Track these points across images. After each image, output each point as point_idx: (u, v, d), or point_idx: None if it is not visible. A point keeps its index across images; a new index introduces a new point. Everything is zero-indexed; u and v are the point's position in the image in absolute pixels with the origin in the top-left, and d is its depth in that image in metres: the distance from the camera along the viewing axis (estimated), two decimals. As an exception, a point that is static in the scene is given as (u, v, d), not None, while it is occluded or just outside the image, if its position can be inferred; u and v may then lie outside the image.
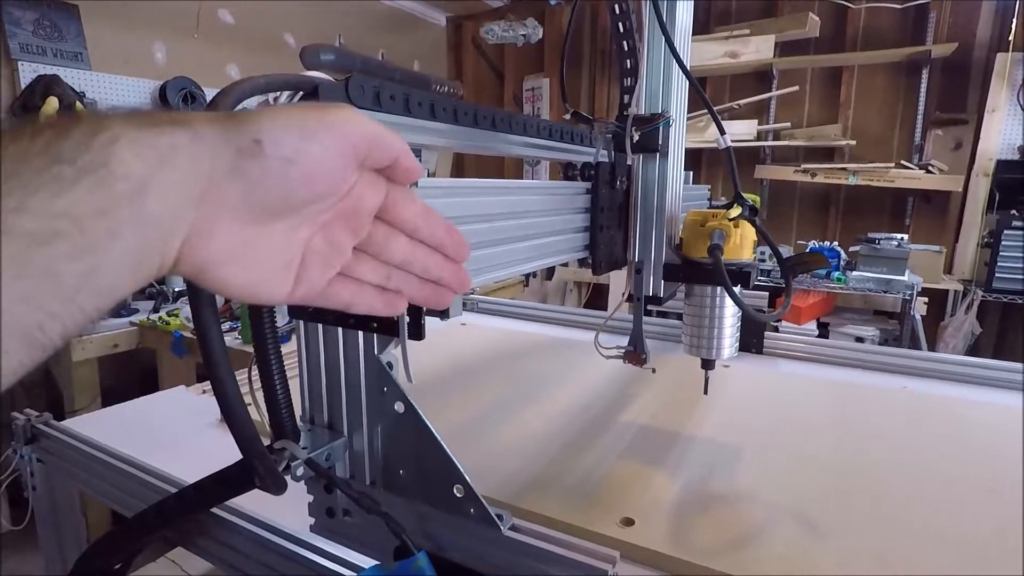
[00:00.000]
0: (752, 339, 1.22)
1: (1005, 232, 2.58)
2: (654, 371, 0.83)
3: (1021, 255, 2.57)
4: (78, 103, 2.29)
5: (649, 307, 0.77)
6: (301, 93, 0.43)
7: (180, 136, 0.23)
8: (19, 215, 0.19)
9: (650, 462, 0.72)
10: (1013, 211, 2.69)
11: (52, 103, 2.20)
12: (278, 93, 0.44)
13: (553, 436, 0.79)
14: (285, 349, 0.44)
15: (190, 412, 0.89)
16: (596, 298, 3.71)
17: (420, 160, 0.38)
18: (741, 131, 3.28)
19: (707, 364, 0.75)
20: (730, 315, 0.72)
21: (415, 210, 0.33)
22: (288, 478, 0.42)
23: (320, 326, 0.47)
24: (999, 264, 2.61)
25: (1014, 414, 0.88)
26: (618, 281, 0.79)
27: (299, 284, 0.29)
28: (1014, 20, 2.80)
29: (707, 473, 0.70)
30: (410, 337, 0.40)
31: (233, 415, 0.35)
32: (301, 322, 0.47)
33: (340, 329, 0.46)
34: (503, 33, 3.49)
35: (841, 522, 0.60)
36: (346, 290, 0.32)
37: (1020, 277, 2.58)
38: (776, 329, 2.75)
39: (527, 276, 3.24)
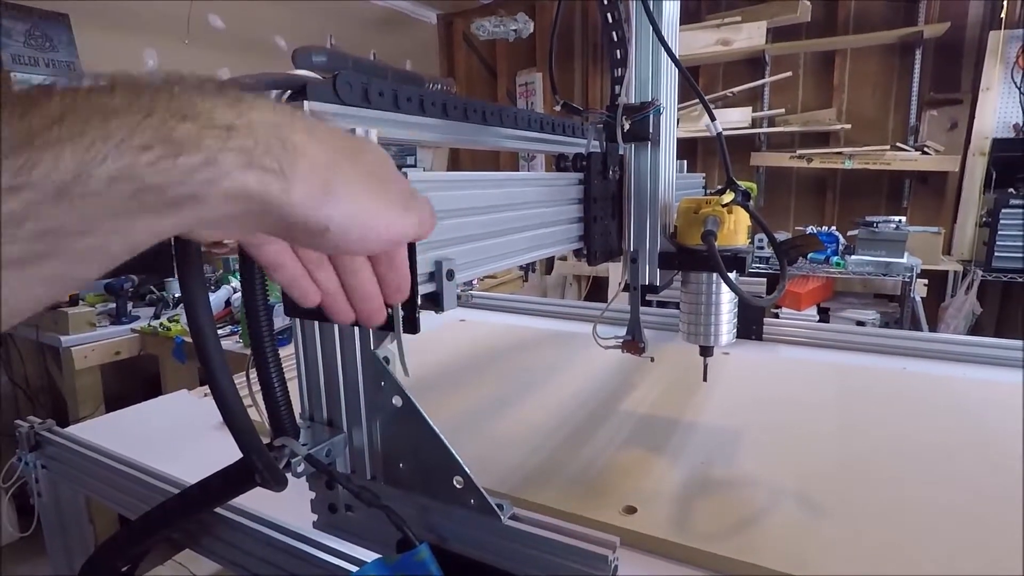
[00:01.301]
0: (752, 326, 1.22)
1: (1003, 211, 2.57)
2: (652, 360, 0.83)
3: (1020, 233, 2.56)
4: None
5: (648, 297, 0.77)
6: (289, 92, 0.43)
7: (274, 186, 0.23)
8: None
9: (651, 450, 0.73)
10: (1011, 189, 2.68)
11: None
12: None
13: (554, 427, 0.79)
14: (284, 352, 0.44)
15: (192, 415, 0.89)
16: (596, 291, 3.71)
17: (415, 157, 0.38)
18: (735, 119, 3.27)
19: (705, 351, 0.75)
20: (727, 301, 0.72)
21: (396, 263, 0.33)
22: (289, 475, 0.42)
23: (316, 323, 0.47)
24: (998, 243, 2.60)
25: (1015, 391, 0.88)
26: (618, 274, 0.79)
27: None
28: (1006, -2, 2.79)
29: (709, 459, 0.70)
30: (405, 331, 0.40)
31: (231, 414, 0.36)
32: (298, 320, 0.48)
33: (336, 326, 0.46)
34: (494, 29, 3.47)
35: (844, 504, 0.60)
36: (272, 250, 0.31)
37: (1020, 256, 2.57)
38: (776, 315, 2.76)
39: (526, 271, 3.24)
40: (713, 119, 0.67)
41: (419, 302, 0.39)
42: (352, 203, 0.26)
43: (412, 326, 0.39)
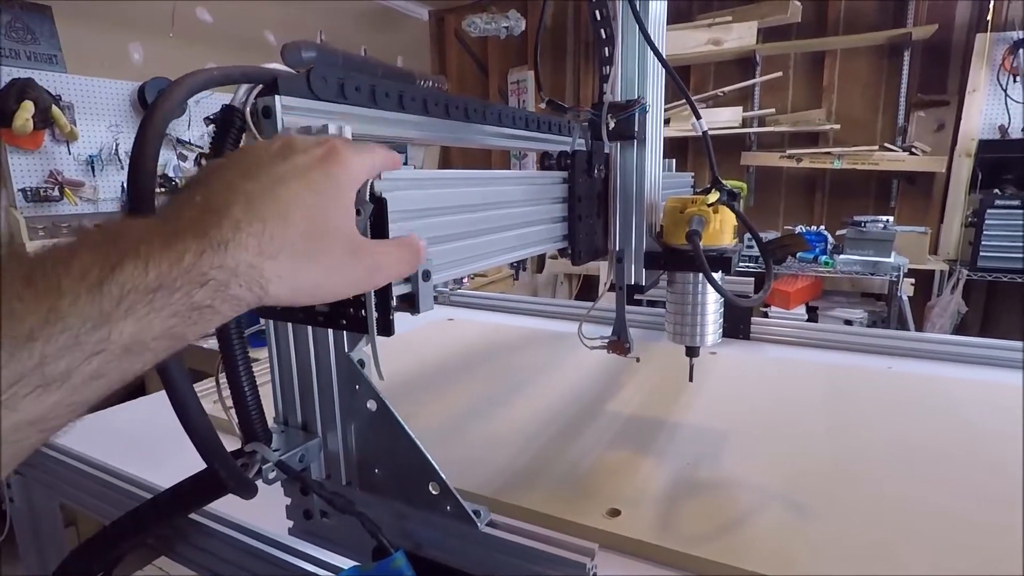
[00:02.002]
0: (739, 325, 1.22)
1: (988, 211, 2.60)
2: (638, 360, 0.83)
3: (1004, 233, 2.59)
4: (54, 106, 2.26)
5: (637, 296, 0.76)
6: (260, 87, 0.42)
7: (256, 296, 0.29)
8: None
9: (637, 452, 0.72)
10: (996, 190, 2.71)
11: (27, 107, 2.16)
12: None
13: (539, 429, 0.78)
14: (259, 354, 0.43)
15: (170, 417, 0.87)
16: (587, 290, 3.71)
17: (406, 155, 0.37)
18: (726, 119, 3.27)
19: (691, 351, 0.74)
20: (713, 301, 0.72)
21: None
22: (260, 482, 0.41)
23: (290, 325, 0.46)
24: (983, 243, 2.63)
25: (998, 391, 0.88)
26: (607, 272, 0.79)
27: None
28: (992, 0, 2.80)
29: (694, 460, 0.69)
30: (379, 333, 0.39)
31: (189, 420, 0.34)
32: (271, 322, 0.46)
33: (310, 328, 0.45)
34: (486, 26, 3.46)
35: (831, 505, 0.59)
36: None
37: (1004, 256, 2.60)
38: (766, 314, 2.77)
39: (516, 270, 3.23)
40: (698, 118, 0.66)
41: (393, 304, 0.38)
42: (303, 280, 0.30)
43: (386, 329, 0.38)
